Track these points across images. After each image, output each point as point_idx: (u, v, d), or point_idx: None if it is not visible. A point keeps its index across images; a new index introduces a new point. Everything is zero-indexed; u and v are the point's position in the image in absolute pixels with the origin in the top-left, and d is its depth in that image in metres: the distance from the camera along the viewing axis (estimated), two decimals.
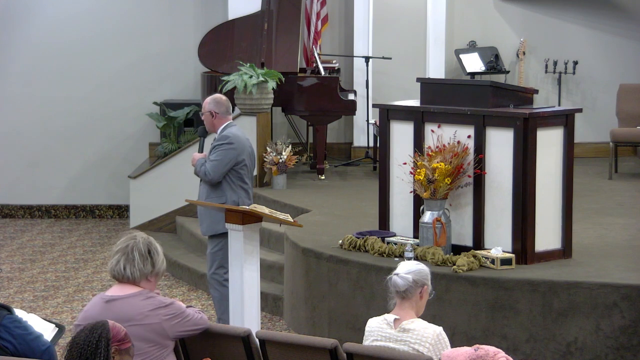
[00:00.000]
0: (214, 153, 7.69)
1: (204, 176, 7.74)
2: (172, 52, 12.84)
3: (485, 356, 4.69)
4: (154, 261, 5.06)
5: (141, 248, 5.04)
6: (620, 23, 12.72)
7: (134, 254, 5.03)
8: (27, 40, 12.82)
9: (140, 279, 5.07)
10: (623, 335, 6.83)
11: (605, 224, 8.73)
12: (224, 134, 7.73)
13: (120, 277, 5.08)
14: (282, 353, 5.30)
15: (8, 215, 12.97)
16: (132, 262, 5.03)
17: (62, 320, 8.40)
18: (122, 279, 5.10)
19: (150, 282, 5.11)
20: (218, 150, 7.68)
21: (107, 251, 11.21)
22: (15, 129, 12.89)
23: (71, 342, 4.24)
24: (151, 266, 5.05)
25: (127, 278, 5.08)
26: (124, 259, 5.04)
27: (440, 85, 8.10)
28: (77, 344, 4.21)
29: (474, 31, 12.61)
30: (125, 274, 5.05)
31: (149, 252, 5.06)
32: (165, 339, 5.09)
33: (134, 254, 5.03)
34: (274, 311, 8.80)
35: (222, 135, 7.73)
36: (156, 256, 5.07)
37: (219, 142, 7.72)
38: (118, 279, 5.12)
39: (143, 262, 5.03)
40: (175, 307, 5.13)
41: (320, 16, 12.05)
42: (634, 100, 11.81)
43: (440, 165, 7.29)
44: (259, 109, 10.69)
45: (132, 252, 5.03)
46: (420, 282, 5.21)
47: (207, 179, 7.71)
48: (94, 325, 4.26)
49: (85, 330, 4.26)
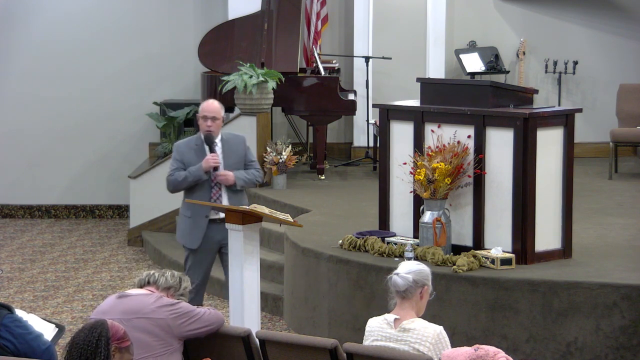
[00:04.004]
0: (251, 154, 7.59)
1: (255, 182, 7.57)
2: (172, 52, 12.84)
3: (485, 356, 4.70)
4: (180, 284, 5.45)
5: (174, 272, 5.51)
6: (620, 23, 12.72)
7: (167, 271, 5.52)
8: (27, 40, 12.82)
9: (162, 286, 5.39)
10: (623, 335, 6.83)
11: (605, 224, 8.73)
12: (233, 134, 7.66)
13: (145, 282, 5.42)
14: (282, 353, 5.30)
15: (8, 215, 12.97)
16: (162, 273, 5.47)
17: (62, 320, 8.40)
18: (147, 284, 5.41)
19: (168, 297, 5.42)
20: (249, 151, 7.60)
21: (107, 251, 11.22)
22: (16, 129, 12.89)
23: (71, 342, 4.25)
24: (177, 284, 5.44)
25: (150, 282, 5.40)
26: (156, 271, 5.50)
27: (440, 85, 8.10)
28: (77, 343, 4.22)
29: (474, 31, 12.61)
30: (152, 278, 5.41)
31: (180, 278, 5.47)
32: (171, 337, 5.21)
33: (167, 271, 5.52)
34: (274, 311, 8.80)
35: (233, 136, 7.61)
36: (184, 283, 5.49)
37: (244, 144, 7.58)
38: (142, 284, 5.43)
39: (172, 278, 5.43)
40: (181, 307, 5.26)
41: (320, 16, 12.05)
42: (634, 100, 11.81)
43: (440, 165, 7.29)
44: (259, 109, 10.70)
45: (166, 271, 5.54)
46: (421, 282, 5.21)
47: (259, 182, 7.61)
48: (93, 325, 4.28)
49: (84, 330, 4.27)
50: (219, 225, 7.39)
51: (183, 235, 7.58)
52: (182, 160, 7.46)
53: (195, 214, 7.46)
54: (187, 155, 7.47)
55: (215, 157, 7.38)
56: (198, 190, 7.47)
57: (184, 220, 7.59)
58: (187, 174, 7.41)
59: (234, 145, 7.54)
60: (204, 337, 5.40)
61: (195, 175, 7.41)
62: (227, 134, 7.65)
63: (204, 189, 7.47)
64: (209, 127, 7.43)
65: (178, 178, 7.45)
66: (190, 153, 7.48)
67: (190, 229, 7.49)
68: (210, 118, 7.43)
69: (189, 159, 7.46)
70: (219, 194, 7.46)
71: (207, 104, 7.55)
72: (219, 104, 7.54)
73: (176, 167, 7.48)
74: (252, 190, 10.68)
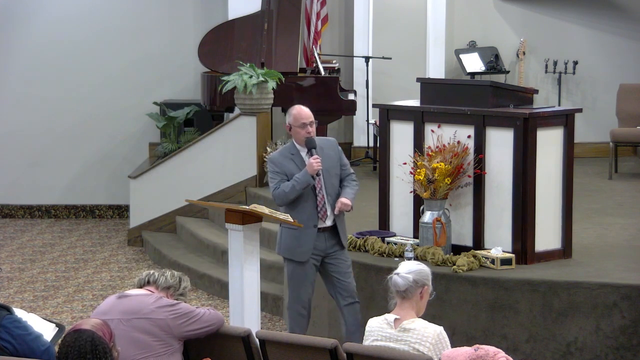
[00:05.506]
0: (344, 157, 7.28)
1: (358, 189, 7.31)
2: (172, 52, 12.84)
3: (485, 356, 4.70)
4: (180, 283, 5.46)
5: (174, 272, 5.52)
6: (620, 23, 12.72)
7: (166, 271, 5.52)
8: (27, 40, 12.82)
9: (162, 286, 5.39)
10: (623, 335, 6.83)
11: (605, 224, 8.73)
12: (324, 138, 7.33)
13: (145, 282, 5.42)
14: (282, 353, 5.30)
15: (8, 215, 12.97)
16: (162, 273, 5.47)
17: (62, 320, 8.39)
18: (146, 284, 5.41)
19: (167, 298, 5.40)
20: (342, 154, 7.29)
21: (107, 251, 11.22)
22: (16, 129, 12.89)
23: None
24: (177, 284, 5.44)
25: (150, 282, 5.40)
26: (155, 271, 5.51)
27: (440, 85, 8.10)
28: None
29: (474, 31, 12.61)
30: (152, 277, 5.41)
31: (180, 278, 5.50)
32: (170, 338, 5.22)
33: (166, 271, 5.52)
34: (274, 311, 8.80)
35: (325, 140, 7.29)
36: (184, 283, 5.49)
37: (337, 147, 7.26)
38: (142, 284, 5.43)
39: (171, 278, 5.44)
40: (181, 307, 5.27)
41: (320, 16, 12.05)
42: (634, 100, 11.81)
43: (440, 165, 7.29)
44: (259, 109, 10.69)
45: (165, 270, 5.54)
46: (421, 282, 5.21)
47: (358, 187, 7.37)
48: (83, 341, 4.26)
49: (79, 347, 4.25)
50: (324, 234, 7.07)
51: (289, 248, 7.13)
52: (282, 172, 7.08)
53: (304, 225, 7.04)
54: (285, 165, 7.09)
55: (317, 159, 6.97)
56: (303, 199, 7.07)
57: (289, 232, 7.14)
58: (295, 183, 6.98)
59: (327, 150, 7.18)
60: (204, 337, 5.40)
61: (303, 182, 6.97)
62: (318, 139, 7.25)
63: (309, 196, 7.08)
64: (309, 133, 7.10)
65: (285, 189, 7.01)
66: (289, 163, 7.11)
67: (298, 241, 7.08)
68: (308, 124, 7.09)
69: (288, 169, 7.09)
70: (324, 200, 7.09)
71: (301, 111, 7.15)
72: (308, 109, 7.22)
73: (279, 180, 7.08)
74: (252, 190, 10.69)
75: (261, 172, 10.75)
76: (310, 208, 7.05)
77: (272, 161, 7.17)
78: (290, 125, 7.12)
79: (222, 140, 10.94)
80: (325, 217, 7.07)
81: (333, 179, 7.12)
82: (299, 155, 7.10)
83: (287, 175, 7.05)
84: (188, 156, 11.11)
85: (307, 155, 7.05)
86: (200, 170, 11.02)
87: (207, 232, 10.53)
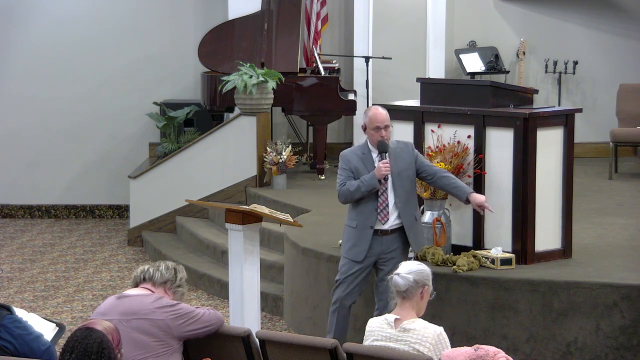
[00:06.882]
0: (422, 158, 7.18)
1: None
2: (172, 52, 12.84)
3: (485, 356, 4.70)
4: (176, 275, 5.44)
5: (168, 264, 5.49)
6: (620, 23, 12.72)
7: (160, 264, 5.48)
8: (28, 40, 12.82)
9: (158, 281, 5.37)
10: (623, 335, 6.84)
11: (605, 224, 8.73)
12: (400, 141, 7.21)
13: (141, 279, 5.39)
14: (282, 353, 5.30)
15: (8, 215, 12.97)
16: (156, 268, 5.44)
17: (62, 321, 8.39)
18: (142, 281, 5.38)
19: (166, 294, 5.38)
20: (420, 156, 7.18)
21: (107, 251, 11.22)
22: (16, 129, 12.89)
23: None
24: (173, 277, 5.42)
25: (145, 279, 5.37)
26: (150, 266, 5.47)
27: (440, 85, 8.10)
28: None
29: (474, 31, 12.61)
30: (147, 274, 5.38)
31: (175, 269, 5.45)
32: (170, 338, 5.22)
33: (160, 264, 5.48)
34: (274, 311, 8.80)
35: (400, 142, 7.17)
36: (179, 274, 5.47)
37: (413, 149, 7.15)
38: (138, 282, 5.40)
39: (167, 271, 5.42)
40: (181, 308, 5.26)
41: (320, 16, 12.05)
42: (634, 100, 11.81)
43: (440, 165, 7.29)
44: (259, 109, 10.70)
45: (159, 264, 5.49)
46: (421, 282, 5.21)
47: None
48: (92, 341, 4.26)
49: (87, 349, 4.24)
50: (382, 237, 6.97)
51: (346, 246, 7.07)
52: (350, 169, 7.02)
53: (360, 225, 6.99)
54: (354, 163, 7.03)
55: (387, 164, 6.89)
56: (364, 199, 6.99)
57: (348, 231, 7.10)
58: (360, 184, 6.91)
59: (400, 152, 7.06)
60: (203, 337, 5.40)
61: (369, 185, 6.89)
62: (393, 141, 7.15)
63: (370, 197, 6.99)
64: (383, 137, 6.99)
65: (350, 188, 6.95)
66: (358, 162, 7.04)
67: (356, 240, 7.01)
68: (383, 128, 6.96)
69: (356, 167, 7.03)
70: (386, 203, 6.97)
71: (377, 113, 6.99)
72: (386, 111, 7.08)
73: (345, 177, 7.02)
74: (252, 190, 10.69)
75: (261, 172, 10.76)
76: (369, 209, 6.96)
77: (342, 157, 7.12)
78: (365, 126, 7.03)
79: (222, 140, 10.94)
80: (385, 220, 6.95)
81: (404, 181, 7.00)
82: (369, 155, 7.01)
83: (353, 172, 7.00)
84: (188, 156, 11.11)
85: (377, 157, 6.97)
86: (200, 170, 11.02)
87: (207, 232, 10.53)
